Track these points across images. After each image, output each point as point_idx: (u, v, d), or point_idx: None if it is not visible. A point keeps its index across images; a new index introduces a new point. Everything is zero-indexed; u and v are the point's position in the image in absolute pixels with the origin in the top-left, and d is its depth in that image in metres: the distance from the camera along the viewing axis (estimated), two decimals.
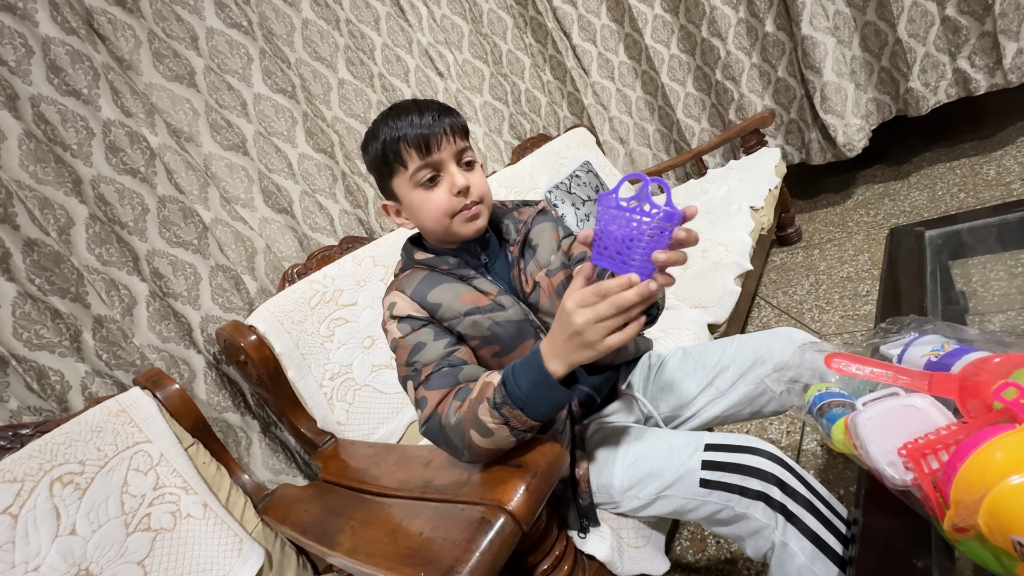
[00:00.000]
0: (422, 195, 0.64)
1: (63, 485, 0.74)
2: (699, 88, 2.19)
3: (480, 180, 0.66)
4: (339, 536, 0.66)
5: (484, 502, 0.53)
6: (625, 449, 0.66)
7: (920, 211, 1.71)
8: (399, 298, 0.66)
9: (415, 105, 0.64)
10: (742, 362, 0.71)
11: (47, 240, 0.89)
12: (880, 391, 0.47)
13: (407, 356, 0.63)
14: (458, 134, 0.64)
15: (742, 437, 0.60)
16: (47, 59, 0.97)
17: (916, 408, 0.43)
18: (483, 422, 0.54)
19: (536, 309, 0.69)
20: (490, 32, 2.08)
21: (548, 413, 0.53)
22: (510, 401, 0.52)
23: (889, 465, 0.43)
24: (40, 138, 0.93)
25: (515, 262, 0.70)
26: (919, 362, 0.50)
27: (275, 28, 1.37)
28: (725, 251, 1.21)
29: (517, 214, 0.75)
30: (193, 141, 1.16)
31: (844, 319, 1.40)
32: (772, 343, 0.70)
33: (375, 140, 0.64)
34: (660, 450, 0.63)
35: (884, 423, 0.44)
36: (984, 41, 1.62)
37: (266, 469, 1.07)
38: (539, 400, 0.52)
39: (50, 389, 0.85)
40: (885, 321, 0.58)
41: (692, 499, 0.58)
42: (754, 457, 0.56)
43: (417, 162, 0.62)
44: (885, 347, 0.55)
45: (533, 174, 1.74)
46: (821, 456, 1.04)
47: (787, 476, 0.55)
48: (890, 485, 0.43)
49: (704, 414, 0.74)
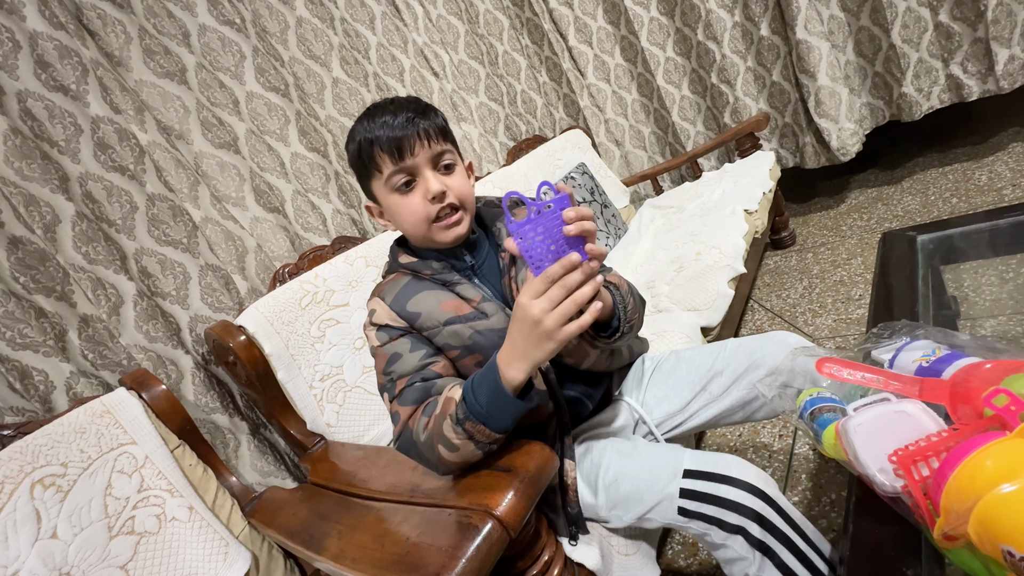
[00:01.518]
0: (398, 200, 0.63)
1: (44, 487, 0.72)
2: (694, 91, 2.19)
3: (459, 183, 0.64)
4: (326, 541, 0.65)
5: (472, 507, 0.52)
6: (606, 467, 0.64)
7: (913, 215, 1.72)
8: (379, 305, 0.65)
9: (391, 105, 0.62)
10: (735, 367, 0.70)
11: (32, 238, 0.87)
12: (871, 396, 0.47)
13: (384, 365, 0.62)
14: (433, 137, 0.62)
15: (723, 462, 0.58)
16: (35, 54, 0.95)
17: (907, 414, 0.43)
18: (448, 438, 0.54)
19: None
20: (486, 33, 2.07)
21: (510, 425, 0.53)
22: (472, 416, 0.52)
23: (879, 471, 0.42)
24: (26, 134, 0.92)
25: (506, 269, 0.69)
26: (910, 367, 0.50)
27: (268, 26, 1.35)
28: (719, 254, 1.21)
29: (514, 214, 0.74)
30: (184, 139, 1.14)
31: (837, 323, 1.40)
32: (766, 348, 0.70)
33: (352, 141, 0.64)
34: (639, 471, 0.61)
35: (875, 429, 0.43)
36: (977, 47, 1.63)
37: (254, 471, 1.06)
38: (499, 414, 0.52)
39: (33, 389, 0.84)
40: (877, 326, 0.57)
41: (670, 525, 0.58)
42: (733, 489, 0.55)
43: (391, 167, 0.61)
44: (876, 352, 0.54)
45: (528, 175, 1.74)
46: (813, 460, 1.04)
47: (767, 511, 0.54)
48: (880, 492, 0.43)
49: (697, 418, 0.73)
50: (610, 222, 1.81)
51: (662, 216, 1.81)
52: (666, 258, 1.36)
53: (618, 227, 1.84)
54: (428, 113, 0.63)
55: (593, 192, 1.83)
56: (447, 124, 0.66)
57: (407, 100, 0.63)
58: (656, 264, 1.37)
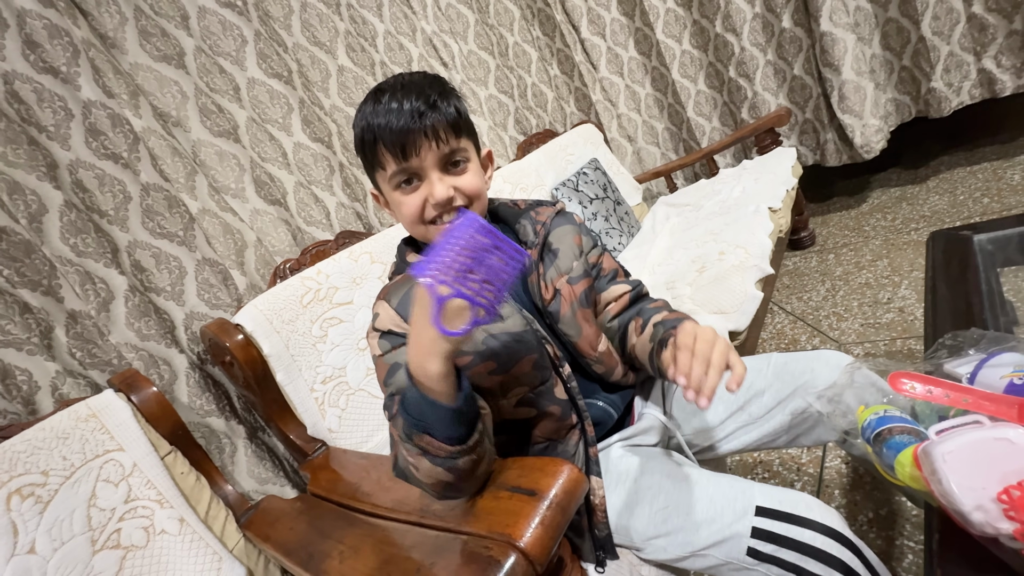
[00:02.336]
0: (399, 197, 0.58)
1: (22, 498, 0.67)
2: (711, 85, 2.12)
3: (469, 182, 0.58)
4: (326, 563, 0.59)
5: (491, 535, 0.46)
6: (655, 491, 0.56)
7: (941, 216, 1.65)
8: (383, 309, 0.59)
9: (400, 88, 0.54)
10: (780, 388, 0.63)
11: (16, 228, 0.82)
12: (957, 419, 0.41)
13: (384, 376, 0.56)
14: (442, 138, 0.54)
15: (803, 503, 0.50)
16: (23, 33, 0.89)
17: (1010, 442, 0.36)
18: (407, 459, 0.48)
19: (556, 319, 0.62)
20: (496, 23, 2.01)
21: (463, 431, 0.45)
22: (414, 428, 0.45)
23: (976, 509, 0.36)
24: (13, 117, 0.86)
25: (534, 267, 0.63)
26: (998, 385, 0.43)
27: (272, 10, 1.29)
28: (744, 254, 1.14)
29: (534, 214, 0.67)
30: (181, 126, 1.09)
31: (864, 327, 1.33)
32: (815, 368, 0.62)
33: (356, 126, 0.58)
34: (699, 502, 0.53)
35: (969, 458, 0.37)
36: (1012, 40, 1.55)
37: (251, 478, 1.00)
38: (436, 418, 0.44)
39: (16, 390, 0.78)
40: (946, 335, 0.51)
41: (733, 564, 0.50)
42: (816, 535, 0.47)
43: (393, 166, 0.55)
44: (951, 366, 0.48)
45: (539, 171, 1.67)
46: (846, 474, 0.97)
47: (855, 563, 0.47)
48: (976, 532, 0.36)
49: (732, 442, 0.67)
50: (623, 220, 1.75)
51: (678, 214, 1.74)
52: (686, 258, 1.29)
53: (631, 225, 1.77)
54: (440, 104, 0.54)
55: (605, 188, 1.77)
56: (462, 113, 0.58)
57: (419, 82, 0.56)
58: (675, 264, 1.30)
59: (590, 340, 0.64)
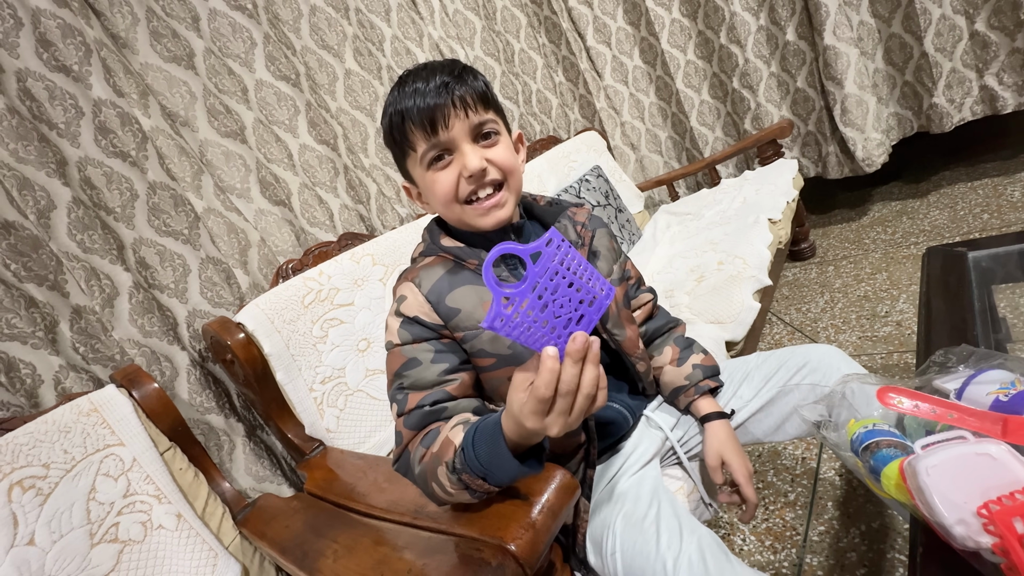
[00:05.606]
0: (431, 176, 0.55)
1: (23, 490, 0.68)
2: (714, 96, 2.14)
3: (503, 155, 0.55)
4: (320, 561, 0.60)
5: (483, 538, 0.46)
6: (612, 533, 0.55)
7: (941, 231, 1.66)
8: (411, 292, 0.56)
9: (424, 71, 0.54)
10: (766, 370, 0.67)
11: (25, 223, 0.83)
12: (942, 434, 0.41)
13: (398, 367, 0.55)
14: (471, 106, 0.53)
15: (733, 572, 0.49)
16: (37, 32, 0.91)
17: (992, 458, 0.37)
18: (442, 483, 0.48)
19: (606, 319, 0.63)
20: (503, 30, 2.03)
21: (510, 482, 0.47)
22: (468, 470, 0.46)
23: (958, 523, 0.37)
24: (24, 114, 0.88)
25: None
26: (984, 401, 0.44)
27: (281, 13, 1.31)
28: (743, 264, 1.15)
29: (572, 214, 0.65)
30: (189, 126, 1.10)
31: (862, 340, 1.34)
32: (797, 352, 0.66)
33: (384, 115, 0.57)
34: (637, 556, 0.52)
35: (952, 472, 0.38)
36: (1014, 58, 1.56)
37: (249, 476, 1.01)
38: (499, 470, 0.45)
39: (20, 383, 0.79)
40: (937, 352, 0.52)
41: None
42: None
43: (424, 144, 0.54)
44: (940, 381, 0.49)
45: (542, 176, 1.69)
46: (840, 486, 0.98)
47: None
48: (958, 546, 0.37)
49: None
50: (624, 227, 1.76)
51: (678, 223, 1.75)
52: (685, 267, 1.30)
53: (632, 233, 1.78)
54: (466, 76, 0.54)
55: (607, 196, 1.78)
56: (489, 89, 0.56)
57: (442, 63, 0.55)
58: (675, 273, 1.31)
59: (633, 340, 0.66)
